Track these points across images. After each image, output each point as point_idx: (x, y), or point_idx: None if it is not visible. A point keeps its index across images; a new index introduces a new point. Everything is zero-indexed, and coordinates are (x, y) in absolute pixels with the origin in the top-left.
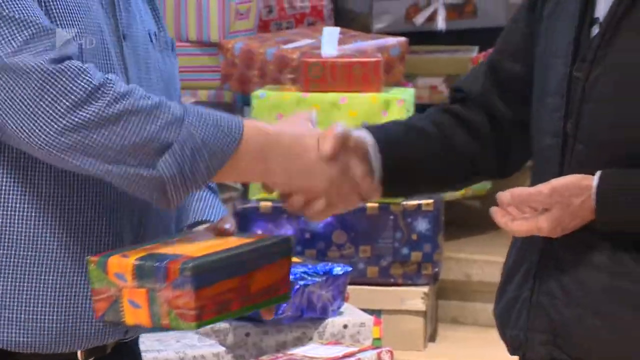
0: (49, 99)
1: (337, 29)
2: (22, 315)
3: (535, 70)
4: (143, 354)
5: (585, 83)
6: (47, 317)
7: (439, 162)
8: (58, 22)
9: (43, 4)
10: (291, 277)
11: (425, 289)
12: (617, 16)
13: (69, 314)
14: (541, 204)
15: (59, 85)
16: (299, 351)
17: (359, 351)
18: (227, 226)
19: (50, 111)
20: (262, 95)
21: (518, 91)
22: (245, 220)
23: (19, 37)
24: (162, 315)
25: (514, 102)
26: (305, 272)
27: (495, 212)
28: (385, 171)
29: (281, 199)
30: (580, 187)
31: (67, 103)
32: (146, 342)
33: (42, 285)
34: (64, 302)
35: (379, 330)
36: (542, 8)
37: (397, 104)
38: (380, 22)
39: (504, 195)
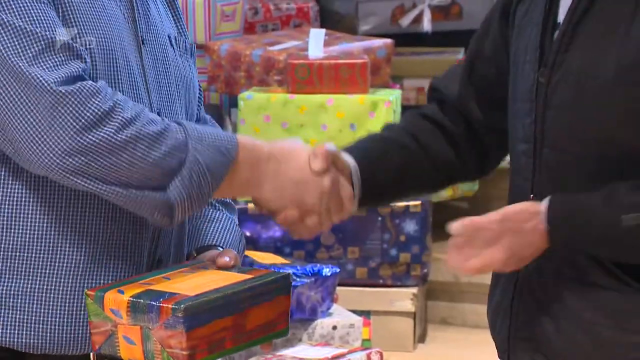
0: (60, 121)
1: (323, 31)
2: (34, 317)
3: (509, 75)
4: None
5: (547, 88)
6: (58, 319)
7: (419, 173)
8: (77, 29)
9: (61, 10)
10: None
11: (414, 290)
12: (574, 21)
13: (80, 316)
14: (493, 231)
15: (70, 108)
16: (288, 352)
17: (349, 352)
18: (226, 259)
19: (60, 132)
20: (249, 97)
21: (492, 95)
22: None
23: (29, 50)
24: (156, 354)
25: (489, 106)
26: (294, 273)
27: (449, 255)
28: (365, 192)
29: (272, 216)
30: (530, 212)
31: (77, 126)
32: None
33: (54, 288)
34: (75, 305)
35: (368, 332)
36: (515, 15)
37: (384, 105)
38: (366, 23)
39: (455, 226)
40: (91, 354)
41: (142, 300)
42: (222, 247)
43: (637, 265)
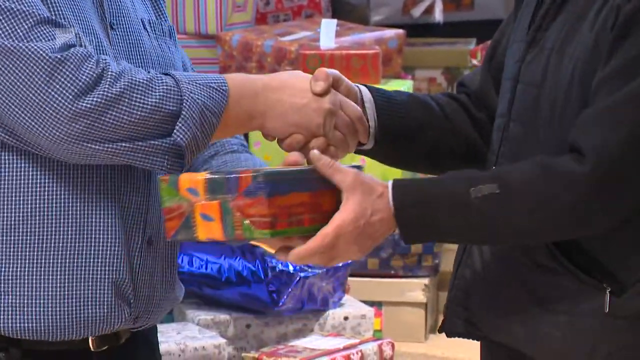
0: (57, 87)
1: (335, 21)
2: (27, 301)
3: (506, 57)
4: None
5: (522, 64)
6: (52, 301)
7: (435, 134)
8: (52, 13)
9: None
10: (290, 268)
11: (426, 280)
12: (558, 1)
13: (74, 301)
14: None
15: (66, 73)
16: (299, 343)
17: (360, 343)
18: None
19: (60, 99)
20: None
21: None
22: None
23: (20, 28)
24: (236, 226)
25: None
26: (305, 265)
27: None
28: (380, 125)
29: (279, 142)
30: (377, 183)
31: (75, 90)
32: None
33: (47, 270)
34: (70, 286)
35: (380, 322)
36: (520, 5)
37: None
38: (377, 14)
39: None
40: (90, 338)
41: (219, 175)
42: None
43: (570, 247)
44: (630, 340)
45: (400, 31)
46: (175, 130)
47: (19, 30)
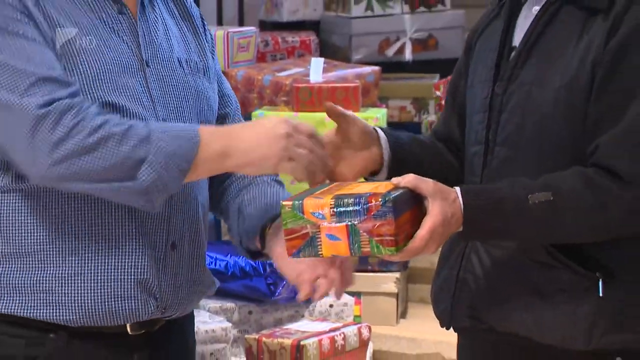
0: (39, 139)
1: (322, 60)
2: (70, 297)
3: (467, 97)
4: None
5: (503, 96)
6: (90, 297)
7: (429, 163)
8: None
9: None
10: None
11: (397, 274)
12: (529, 43)
13: (108, 294)
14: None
15: (46, 127)
16: (292, 326)
17: (343, 326)
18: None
19: (41, 149)
20: (260, 115)
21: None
22: None
23: (20, 85)
24: (363, 244)
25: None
26: None
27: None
28: (391, 158)
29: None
30: (450, 189)
31: (53, 141)
32: None
33: (85, 273)
34: (104, 285)
35: (359, 309)
36: (474, 47)
37: (373, 121)
38: (358, 53)
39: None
40: (128, 325)
41: (345, 199)
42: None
43: (569, 247)
44: (622, 320)
45: (377, 68)
46: (139, 173)
47: (19, 87)
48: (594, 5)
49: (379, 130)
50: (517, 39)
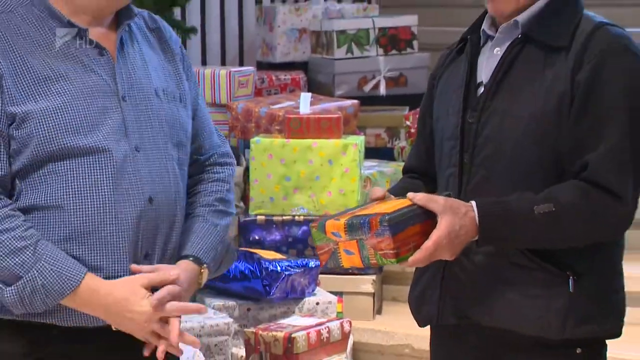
0: None
1: (309, 94)
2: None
3: (434, 128)
4: None
5: (478, 125)
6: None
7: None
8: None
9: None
10: (278, 269)
11: (374, 277)
12: (498, 79)
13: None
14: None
15: None
16: (285, 321)
17: (327, 321)
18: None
19: None
20: (257, 141)
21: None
22: (246, 228)
23: None
24: (370, 257)
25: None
26: (289, 265)
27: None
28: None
29: None
30: (464, 204)
31: None
32: None
33: None
34: None
35: (341, 306)
36: (437, 85)
37: (353, 147)
38: (340, 89)
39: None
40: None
41: (355, 221)
42: (194, 257)
43: (543, 250)
44: (590, 313)
45: (356, 101)
46: (7, 290)
47: None
48: (555, 44)
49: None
50: (482, 75)
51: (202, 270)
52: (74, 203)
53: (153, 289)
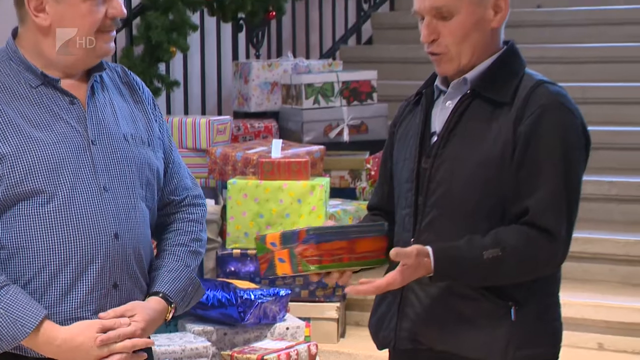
0: None
1: (280, 140)
2: None
3: (393, 172)
4: (157, 348)
5: (431, 170)
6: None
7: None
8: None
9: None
10: (252, 297)
11: (338, 304)
12: (449, 129)
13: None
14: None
15: None
16: (258, 344)
17: (296, 344)
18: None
19: None
20: (234, 182)
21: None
22: (223, 260)
23: None
24: (298, 264)
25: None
26: (261, 294)
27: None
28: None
29: None
30: (423, 250)
31: None
32: (160, 339)
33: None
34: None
35: (309, 331)
36: (396, 134)
37: (319, 187)
38: (307, 136)
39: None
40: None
41: (288, 232)
42: (165, 295)
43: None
44: (530, 337)
45: (322, 147)
46: None
47: None
48: (500, 100)
49: None
50: (436, 125)
51: (170, 309)
52: (44, 241)
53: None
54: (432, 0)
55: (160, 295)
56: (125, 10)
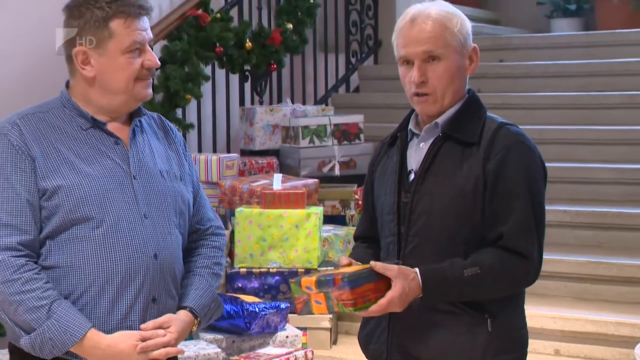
0: None
1: (281, 175)
2: None
3: (375, 204)
4: None
5: (411, 204)
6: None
7: (366, 255)
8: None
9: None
10: (257, 309)
11: (330, 316)
12: (424, 168)
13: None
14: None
15: None
16: (261, 351)
17: (295, 350)
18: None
19: None
20: (240, 211)
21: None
22: (231, 278)
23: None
24: (334, 306)
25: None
26: (265, 307)
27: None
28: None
29: None
30: (412, 272)
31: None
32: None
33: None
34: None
35: (306, 339)
36: (375, 172)
37: (314, 215)
38: (304, 170)
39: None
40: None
41: (323, 278)
42: (192, 310)
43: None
44: (504, 344)
45: (316, 180)
46: (25, 338)
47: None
48: (468, 140)
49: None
50: (412, 164)
51: (195, 322)
52: (93, 261)
53: None
54: (427, 46)
55: (189, 309)
56: (158, 61)
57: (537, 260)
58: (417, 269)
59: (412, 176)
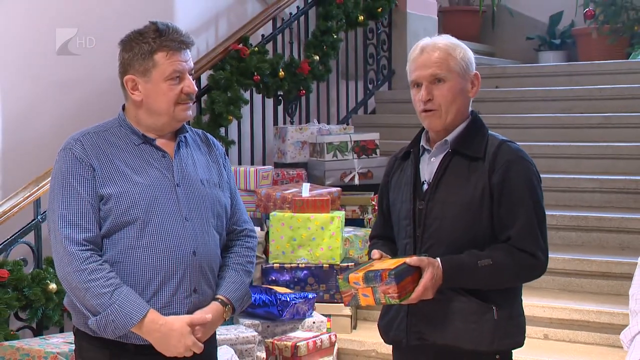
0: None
1: (309, 184)
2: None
3: (390, 210)
4: (218, 336)
5: (426, 210)
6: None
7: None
8: (119, 188)
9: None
10: (288, 299)
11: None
12: (437, 178)
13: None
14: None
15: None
16: (292, 334)
17: (320, 334)
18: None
19: (65, 268)
20: (274, 215)
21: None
22: (266, 272)
23: (68, 230)
24: (381, 299)
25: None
26: (295, 297)
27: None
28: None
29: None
30: (436, 262)
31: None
32: (220, 329)
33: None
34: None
35: (330, 324)
36: (390, 181)
37: (337, 218)
38: (328, 180)
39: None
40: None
41: (370, 274)
42: (227, 300)
43: (477, 290)
44: (508, 330)
45: (339, 188)
46: (90, 320)
47: (68, 231)
48: (475, 155)
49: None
50: (425, 176)
51: (227, 311)
52: (140, 256)
53: None
54: (433, 69)
55: (225, 299)
56: (195, 88)
57: (542, 256)
58: (438, 259)
59: (425, 186)
